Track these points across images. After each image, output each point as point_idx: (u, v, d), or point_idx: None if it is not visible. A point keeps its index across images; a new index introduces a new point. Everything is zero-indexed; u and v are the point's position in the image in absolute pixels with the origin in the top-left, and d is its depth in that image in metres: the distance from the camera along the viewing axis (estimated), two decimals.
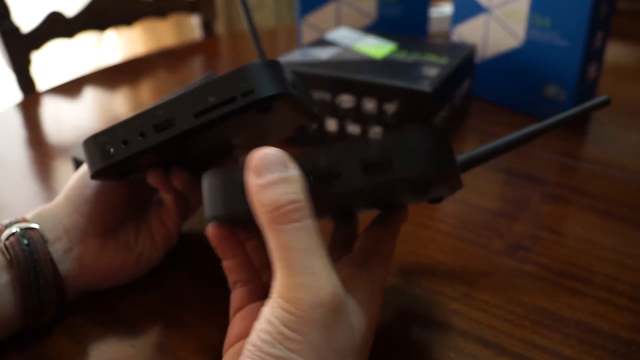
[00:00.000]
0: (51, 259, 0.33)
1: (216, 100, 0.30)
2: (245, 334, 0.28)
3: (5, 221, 0.34)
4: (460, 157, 0.32)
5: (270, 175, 0.24)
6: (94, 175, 0.33)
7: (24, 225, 0.34)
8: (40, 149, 0.59)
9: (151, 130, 0.31)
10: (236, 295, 0.31)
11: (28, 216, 0.35)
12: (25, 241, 0.32)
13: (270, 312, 0.23)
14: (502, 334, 0.34)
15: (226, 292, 0.37)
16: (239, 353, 0.27)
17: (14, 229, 0.33)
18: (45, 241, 0.33)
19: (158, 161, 0.35)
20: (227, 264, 0.31)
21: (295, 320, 0.23)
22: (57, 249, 0.34)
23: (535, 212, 0.46)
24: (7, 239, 0.33)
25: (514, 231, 0.44)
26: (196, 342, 0.34)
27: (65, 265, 0.34)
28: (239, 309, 0.30)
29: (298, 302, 0.23)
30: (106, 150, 0.31)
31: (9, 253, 0.32)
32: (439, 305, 0.36)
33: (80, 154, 0.49)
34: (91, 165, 0.32)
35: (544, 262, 0.40)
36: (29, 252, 0.32)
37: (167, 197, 0.37)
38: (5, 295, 0.32)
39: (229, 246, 0.31)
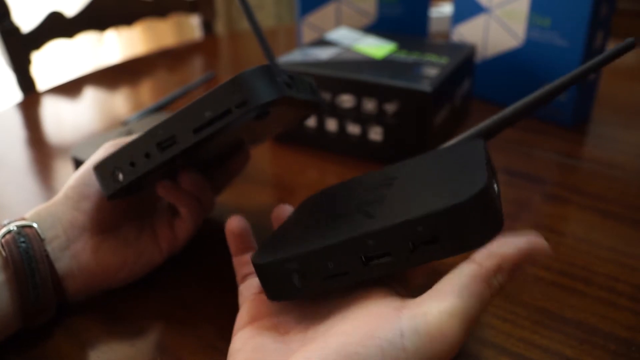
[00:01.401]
0: (47, 256, 0.33)
1: (212, 115, 0.30)
2: (261, 317, 0.29)
3: (5, 221, 0.34)
4: (484, 124, 0.33)
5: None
6: (110, 197, 0.34)
7: (20, 223, 0.34)
8: (40, 149, 0.59)
9: (155, 150, 0.32)
10: (248, 285, 0.32)
11: (27, 215, 0.35)
12: (22, 239, 0.33)
13: (407, 324, 0.23)
14: (502, 334, 0.34)
15: (227, 292, 0.37)
16: (253, 336, 0.27)
17: (11, 227, 0.33)
18: (41, 239, 0.33)
19: (170, 171, 0.35)
20: (239, 260, 0.34)
21: (424, 347, 0.23)
22: (54, 247, 0.34)
23: (535, 212, 0.46)
24: (3, 237, 0.33)
25: (514, 231, 0.44)
26: (196, 342, 0.34)
27: (63, 263, 0.34)
28: (255, 295, 0.31)
29: (443, 329, 0.23)
30: (116, 173, 0.33)
31: (4, 251, 0.32)
32: None
33: (80, 154, 0.49)
34: (104, 188, 0.34)
35: (543, 262, 0.40)
36: (24, 249, 0.32)
37: (181, 210, 0.37)
38: (1, 294, 0.32)
39: (243, 242, 0.33)
